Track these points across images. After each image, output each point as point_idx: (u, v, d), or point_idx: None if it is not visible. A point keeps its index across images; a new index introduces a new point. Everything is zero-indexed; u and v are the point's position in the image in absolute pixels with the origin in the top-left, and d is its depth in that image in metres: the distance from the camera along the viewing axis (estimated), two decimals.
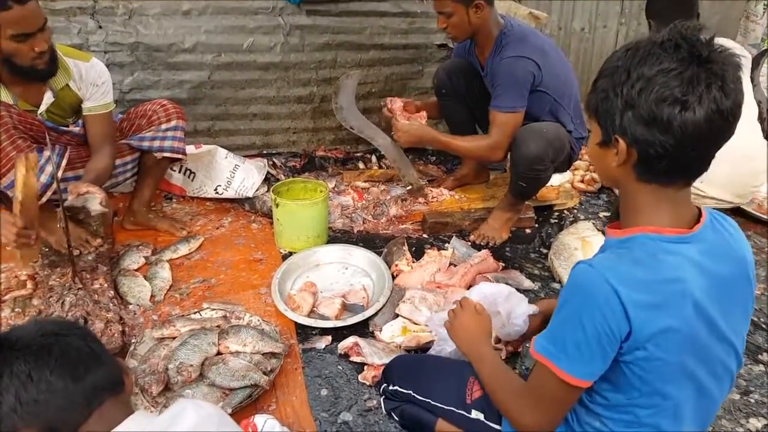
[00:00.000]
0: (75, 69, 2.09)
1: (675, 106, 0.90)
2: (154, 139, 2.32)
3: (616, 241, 1.04)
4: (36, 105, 2.05)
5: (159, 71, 2.84)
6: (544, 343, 1.02)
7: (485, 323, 1.40)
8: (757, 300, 2.18)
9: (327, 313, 1.98)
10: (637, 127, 0.93)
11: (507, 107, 2.30)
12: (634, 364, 0.97)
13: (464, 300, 1.46)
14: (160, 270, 2.19)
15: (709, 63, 0.90)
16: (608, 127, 0.98)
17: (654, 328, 0.94)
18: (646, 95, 0.91)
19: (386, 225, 2.67)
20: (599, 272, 0.96)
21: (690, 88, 0.89)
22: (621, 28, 3.83)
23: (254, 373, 1.63)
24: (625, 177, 1.02)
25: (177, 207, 2.74)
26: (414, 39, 3.19)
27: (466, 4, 2.24)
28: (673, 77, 0.90)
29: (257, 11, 2.89)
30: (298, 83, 3.11)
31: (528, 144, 2.26)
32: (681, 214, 1.01)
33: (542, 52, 2.31)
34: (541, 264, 2.39)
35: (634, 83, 0.92)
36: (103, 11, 2.69)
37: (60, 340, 0.89)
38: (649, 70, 0.91)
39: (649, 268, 0.96)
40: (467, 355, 1.34)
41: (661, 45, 0.92)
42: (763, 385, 1.77)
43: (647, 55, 0.92)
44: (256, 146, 3.21)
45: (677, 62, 0.90)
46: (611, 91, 0.96)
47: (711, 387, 1.05)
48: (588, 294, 0.96)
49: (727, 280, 1.01)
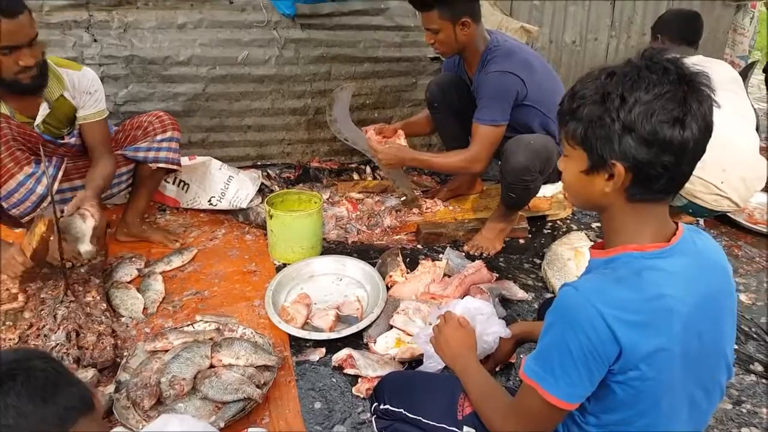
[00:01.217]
0: (68, 78, 2.10)
1: (675, 126, 0.93)
2: (149, 150, 2.32)
3: (600, 261, 1.05)
4: (32, 117, 2.06)
5: (154, 84, 2.85)
6: (533, 366, 1.03)
7: (470, 336, 1.41)
8: (748, 310, 2.20)
9: (321, 325, 1.98)
10: (639, 149, 0.95)
11: (488, 120, 2.33)
12: (627, 384, 0.98)
13: (447, 314, 1.47)
14: (152, 282, 2.18)
15: (693, 82, 0.95)
16: (604, 152, 0.98)
17: (646, 349, 0.95)
18: (647, 118, 0.93)
19: (380, 236, 2.68)
20: (584, 296, 0.97)
21: (686, 107, 0.93)
22: (611, 40, 3.88)
23: (247, 387, 1.62)
24: (613, 200, 1.03)
25: (171, 218, 2.74)
26: (407, 52, 3.22)
27: (453, 21, 2.27)
28: (668, 99, 0.93)
29: (252, 25, 2.92)
30: (293, 95, 3.13)
31: (516, 155, 2.29)
32: (660, 229, 1.03)
33: (528, 67, 2.33)
34: (535, 274, 2.40)
35: (632, 107, 0.94)
36: (98, 25, 2.71)
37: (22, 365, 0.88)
38: (645, 95, 0.94)
39: (633, 288, 0.97)
40: (453, 369, 1.35)
41: (648, 69, 0.95)
42: (755, 395, 1.78)
43: (638, 80, 0.95)
44: (250, 158, 3.22)
45: (669, 84, 0.94)
46: (607, 117, 0.96)
47: (702, 400, 1.06)
48: (573, 318, 0.97)
49: (711, 291, 1.03)
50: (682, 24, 2.80)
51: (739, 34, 4.26)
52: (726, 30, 4.20)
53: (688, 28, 2.78)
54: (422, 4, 2.27)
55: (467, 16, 2.27)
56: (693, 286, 1.00)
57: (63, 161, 2.18)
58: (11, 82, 1.88)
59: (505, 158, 2.33)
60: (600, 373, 0.98)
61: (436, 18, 2.27)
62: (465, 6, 2.27)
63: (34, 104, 2.05)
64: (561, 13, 3.68)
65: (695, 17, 2.86)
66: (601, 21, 3.80)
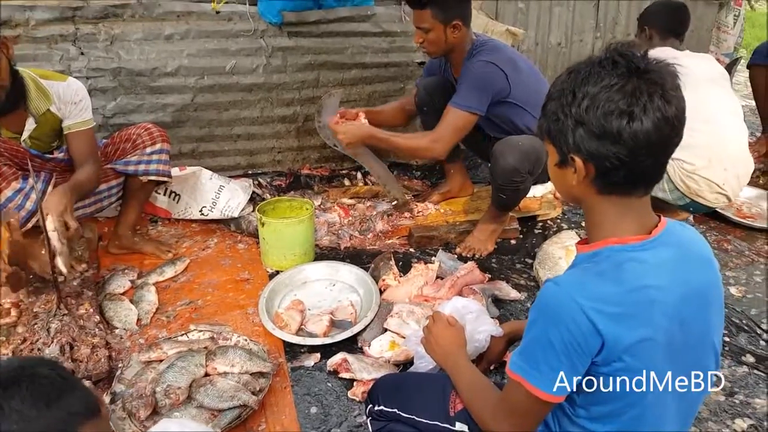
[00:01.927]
0: (53, 91, 2.09)
1: (622, 118, 0.94)
2: (140, 163, 2.32)
3: (584, 256, 1.07)
4: (18, 132, 2.05)
5: (142, 95, 2.85)
6: (518, 361, 1.05)
7: (459, 334, 1.43)
8: (739, 302, 2.22)
9: (315, 331, 1.98)
10: (590, 142, 0.97)
11: (462, 105, 2.33)
12: (612, 376, 0.99)
13: (436, 313, 1.49)
14: (146, 293, 2.18)
15: (647, 74, 0.95)
16: (563, 146, 1.02)
17: (629, 340, 0.96)
18: (593, 111, 0.95)
19: (373, 240, 2.69)
20: (564, 290, 0.99)
21: (633, 99, 0.94)
22: (596, 41, 3.92)
23: (243, 394, 1.62)
24: (587, 193, 1.05)
25: (162, 230, 2.73)
26: (395, 57, 3.24)
27: (445, 22, 2.29)
28: (615, 91, 0.94)
29: (239, 34, 2.93)
30: (282, 103, 3.14)
31: (505, 156, 2.30)
32: (643, 222, 1.04)
33: (513, 65, 2.36)
34: (527, 274, 2.42)
35: (581, 102, 0.97)
36: (84, 38, 2.71)
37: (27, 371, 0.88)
38: (592, 88, 0.96)
39: (614, 280, 0.98)
40: (444, 367, 1.36)
41: (599, 64, 0.98)
42: (748, 386, 1.80)
43: (589, 75, 0.97)
44: (241, 167, 3.22)
45: (617, 77, 0.95)
46: (560, 113, 1.00)
47: (690, 389, 1.07)
48: (554, 312, 0.99)
49: (696, 282, 1.04)
50: (669, 15, 2.78)
51: (723, 32, 4.32)
52: (709, 28, 4.25)
53: (674, 19, 2.77)
54: (416, 1, 2.28)
55: (459, 19, 2.30)
56: (676, 276, 1.01)
57: (52, 176, 2.17)
58: None
59: (494, 160, 2.35)
60: (584, 366, 0.99)
61: (429, 17, 2.29)
62: (458, 9, 2.30)
63: (20, 119, 2.04)
64: (546, 16, 3.72)
65: (681, 8, 2.84)
66: (585, 22, 3.84)
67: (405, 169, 3.43)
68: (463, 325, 1.49)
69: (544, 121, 1.06)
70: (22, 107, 2.01)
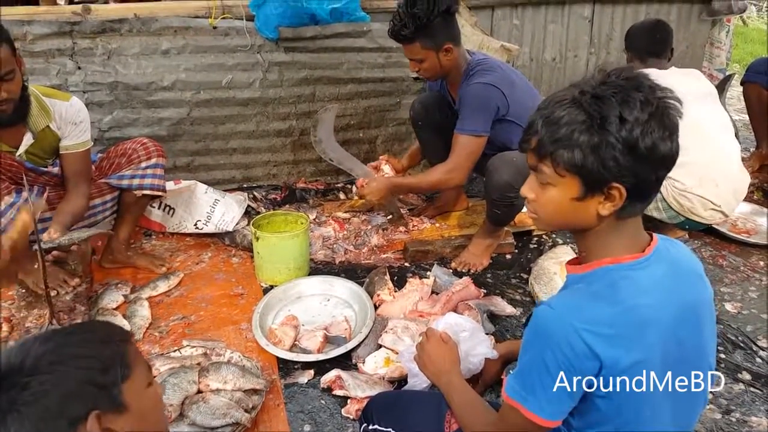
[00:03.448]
0: (55, 110, 2.10)
1: (667, 141, 0.96)
2: (134, 177, 2.32)
3: (576, 277, 1.06)
4: (15, 147, 2.05)
5: (138, 109, 2.86)
6: (515, 386, 1.04)
7: (452, 352, 1.41)
8: (734, 319, 2.22)
9: (309, 347, 1.97)
10: (642, 167, 0.96)
11: (468, 130, 2.34)
12: (609, 398, 0.98)
13: (429, 330, 1.48)
14: (139, 308, 2.16)
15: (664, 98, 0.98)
16: (603, 176, 0.96)
17: (626, 361, 0.95)
18: (647, 135, 0.94)
19: (368, 255, 2.68)
20: (559, 313, 0.98)
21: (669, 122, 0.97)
22: (591, 57, 3.95)
23: (235, 411, 1.60)
24: (605, 220, 1.02)
25: (156, 243, 2.72)
26: (391, 72, 3.26)
27: (436, 49, 2.30)
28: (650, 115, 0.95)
29: (236, 49, 2.94)
30: (278, 117, 3.15)
31: (499, 172, 2.31)
32: (636, 240, 1.05)
33: (510, 83, 2.37)
34: (522, 289, 2.41)
35: (633, 127, 0.94)
36: (82, 52, 2.72)
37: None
38: (640, 113, 0.94)
39: (608, 301, 0.98)
40: (437, 384, 1.35)
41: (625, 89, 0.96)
42: (744, 404, 1.79)
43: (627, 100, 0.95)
44: (236, 180, 3.22)
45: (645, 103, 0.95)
46: (602, 142, 0.95)
47: (686, 407, 1.07)
48: (549, 336, 0.98)
49: (689, 299, 1.04)
50: (644, 37, 2.78)
51: (716, 48, 4.35)
52: (703, 44, 4.29)
53: (650, 40, 2.76)
54: (404, 37, 2.29)
55: (449, 42, 2.30)
56: (670, 294, 1.01)
57: (45, 190, 2.17)
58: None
59: (488, 175, 2.35)
60: (580, 390, 0.98)
61: (419, 49, 2.30)
62: (445, 33, 2.29)
63: (18, 134, 2.04)
64: (541, 32, 3.75)
65: (656, 27, 2.81)
66: (580, 39, 3.87)
67: None
68: (457, 342, 1.48)
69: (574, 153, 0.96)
70: (22, 122, 2.01)
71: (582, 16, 3.81)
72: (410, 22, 2.22)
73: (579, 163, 0.97)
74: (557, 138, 0.98)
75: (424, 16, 2.20)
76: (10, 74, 1.86)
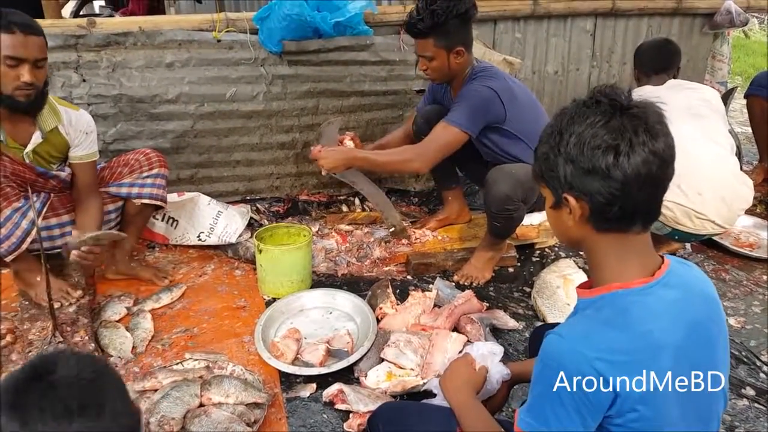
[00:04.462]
0: (65, 115, 2.15)
1: (609, 153, 0.96)
2: (133, 185, 2.33)
3: (587, 302, 1.05)
4: (23, 144, 2.08)
5: (142, 122, 2.88)
6: (527, 419, 1.02)
7: (477, 378, 1.38)
8: (738, 333, 2.21)
9: (311, 360, 1.97)
10: (581, 179, 0.99)
11: (453, 121, 2.32)
12: (626, 427, 0.97)
13: (466, 353, 1.46)
14: (141, 320, 2.17)
15: (630, 110, 0.98)
16: (556, 186, 1.03)
17: (641, 387, 0.94)
18: (580, 148, 0.97)
19: (370, 267, 2.68)
20: (570, 343, 0.97)
21: (618, 134, 0.96)
22: (593, 70, 3.96)
23: (237, 425, 1.60)
24: (585, 232, 1.05)
25: (160, 255, 2.73)
26: (393, 85, 3.28)
27: (448, 49, 2.32)
28: (600, 127, 0.97)
29: (239, 62, 2.96)
30: (281, 130, 3.16)
31: (498, 184, 2.31)
32: (645, 263, 1.03)
33: (511, 93, 2.38)
34: (525, 303, 2.41)
35: (568, 140, 0.99)
36: (86, 65, 2.74)
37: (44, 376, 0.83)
38: (578, 127, 0.98)
39: (620, 328, 0.96)
40: (450, 401, 1.33)
41: (584, 104, 1.01)
42: (749, 420, 1.78)
43: (574, 115, 1.00)
44: (239, 192, 3.23)
45: (601, 114, 0.98)
46: (550, 153, 1.02)
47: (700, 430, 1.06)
48: (560, 366, 0.96)
49: (701, 322, 1.02)
50: (650, 55, 2.83)
51: (718, 61, 4.37)
52: (705, 57, 4.30)
53: (656, 57, 2.80)
54: (419, 32, 2.32)
55: (462, 45, 2.33)
56: (682, 318, 1.00)
57: (49, 196, 2.19)
58: (7, 97, 1.92)
59: (487, 187, 2.36)
60: (595, 420, 0.97)
61: (431, 46, 2.32)
62: (460, 35, 2.32)
63: (27, 131, 2.07)
64: (543, 45, 3.77)
65: (663, 45, 2.87)
66: (582, 52, 3.89)
67: (402, 195, 3.44)
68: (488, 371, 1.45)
69: (536, 164, 1.08)
70: (35, 114, 2.06)
71: (584, 29, 3.83)
72: (428, 17, 2.25)
73: (539, 173, 1.08)
74: (535, 150, 1.09)
75: (443, 13, 2.23)
76: (42, 62, 1.95)
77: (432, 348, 1.96)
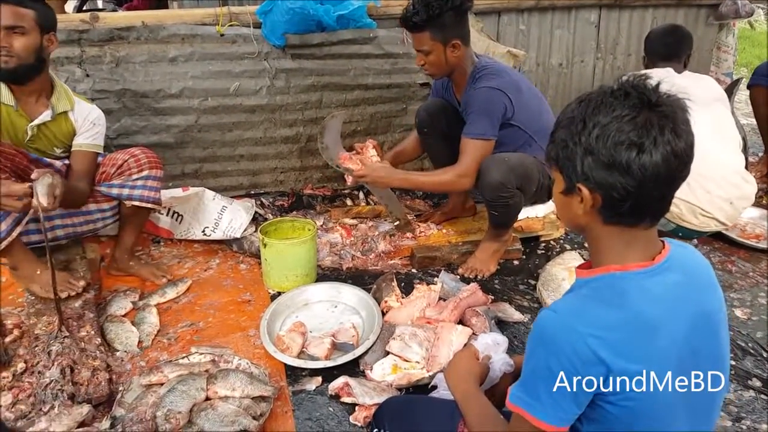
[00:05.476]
0: (78, 105, 2.20)
1: (632, 150, 0.94)
2: (123, 187, 2.29)
3: (583, 281, 1.06)
4: (32, 117, 2.11)
5: (146, 117, 2.88)
6: (519, 393, 1.03)
7: (480, 369, 1.39)
8: (744, 325, 2.20)
9: (317, 354, 1.97)
10: (598, 172, 0.97)
11: (476, 134, 2.35)
12: (619, 405, 0.97)
13: (470, 344, 1.47)
14: (147, 315, 2.17)
15: (659, 107, 0.96)
16: (570, 174, 1.02)
17: (634, 366, 0.94)
18: (603, 141, 0.95)
19: (375, 261, 2.68)
20: (563, 318, 0.98)
21: (644, 131, 0.94)
22: (597, 62, 3.95)
23: (243, 418, 1.60)
24: (592, 222, 1.05)
25: (165, 250, 2.73)
26: (397, 79, 3.27)
27: (444, 43, 2.32)
28: (626, 122, 0.95)
29: (243, 56, 2.96)
30: (285, 124, 3.16)
31: (490, 172, 2.31)
32: (646, 250, 1.04)
33: (516, 88, 2.38)
34: (530, 295, 2.40)
35: (591, 131, 0.97)
36: (90, 60, 2.74)
37: None
38: (604, 118, 0.96)
39: (615, 307, 0.97)
40: (453, 391, 1.34)
41: (612, 94, 0.98)
42: (755, 411, 1.77)
43: (600, 104, 0.98)
44: (243, 187, 3.23)
45: (629, 108, 0.95)
46: (570, 141, 1.00)
47: (701, 412, 1.06)
48: (553, 342, 0.97)
49: (702, 307, 1.03)
50: (660, 40, 2.80)
51: (723, 52, 4.35)
52: (710, 48, 4.28)
53: (665, 43, 2.78)
54: (414, 25, 2.31)
55: (458, 38, 2.32)
56: (681, 303, 1.00)
57: None
58: None
59: (481, 176, 2.36)
60: (587, 396, 0.97)
61: (428, 39, 2.32)
62: (456, 29, 2.32)
63: (38, 106, 2.13)
64: (547, 37, 3.75)
65: (673, 31, 2.84)
66: (586, 44, 3.87)
67: (406, 189, 3.43)
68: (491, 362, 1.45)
69: (552, 147, 1.06)
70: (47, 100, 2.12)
71: (588, 21, 3.81)
72: (423, 10, 2.25)
73: (554, 158, 1.06)
74: (551, 134, 1.08)
75: (437, 6, 2.24)
76: (18, 29, 1.97)
77: (437, 341, 1.96)
